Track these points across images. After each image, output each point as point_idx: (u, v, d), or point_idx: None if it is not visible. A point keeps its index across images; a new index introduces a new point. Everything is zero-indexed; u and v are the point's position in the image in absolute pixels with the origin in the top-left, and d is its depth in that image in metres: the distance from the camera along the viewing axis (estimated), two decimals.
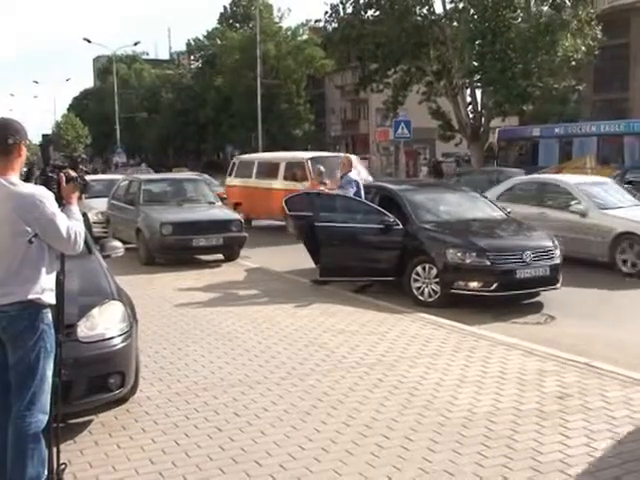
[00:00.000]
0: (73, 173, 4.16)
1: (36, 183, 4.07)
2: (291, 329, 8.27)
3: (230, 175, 21.91)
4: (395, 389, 6.07)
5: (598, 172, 21.76)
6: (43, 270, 3.90)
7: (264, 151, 45.88)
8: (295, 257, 13.05)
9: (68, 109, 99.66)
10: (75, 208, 4.13)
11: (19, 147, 3.90)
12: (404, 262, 10.27)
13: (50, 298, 3.96)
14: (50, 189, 3.99)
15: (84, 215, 16.18)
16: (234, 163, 22.44)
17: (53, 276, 4.02)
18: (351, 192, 11.92)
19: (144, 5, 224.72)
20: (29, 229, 3.80)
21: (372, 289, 10.83)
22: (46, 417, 3.92)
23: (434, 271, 9.80)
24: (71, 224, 3.96)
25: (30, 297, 3.84)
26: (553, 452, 4.71)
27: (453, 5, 33.78)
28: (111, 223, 15.99)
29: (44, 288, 3.91)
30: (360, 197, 11.84)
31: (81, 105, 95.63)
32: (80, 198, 4.30)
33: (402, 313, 9.09)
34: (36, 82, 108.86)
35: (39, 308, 3.89)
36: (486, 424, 5.22)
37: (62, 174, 4.12)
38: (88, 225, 14.94)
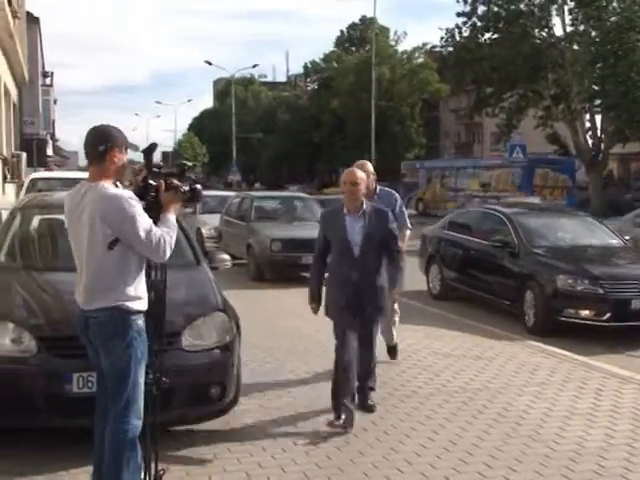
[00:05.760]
0: (176, 182, 4.00)
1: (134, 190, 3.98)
2: None
3: None
4: (500, 417, 5.86)
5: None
6: (128, 276, 3.83)
7: (378, 174, 45.56)
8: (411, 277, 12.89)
9: (188, 128, 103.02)
10: (171, 217, 3.97)
11: (111, 153, 3.82)
12: (515, 287, 10.03)
13: (139, 305, 3.88)
14: (146, 196, 3.91)
15: (197, 230, 16.52)
16: None
17: (142, 282, 3.94)
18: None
19: (265, 29, 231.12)
20: (112, 233, 3.74)
21: (480, 313, 10.56)
22: (141, 422, 3.91)
23: (544, 297, 9.48)
24: (156, 230, 3.82)
25: (116, 303, 3.80)
26: None
27: (573, 28, 33.04)
28: (223, 238, 16.31)
29: (130, 294, 3.83)
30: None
31: (200, 125, 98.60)
32: (194, 210, 4.25)
33: (510, 339, 8.82)
34: (159, 102, 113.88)
35: (125, 314, 3.82)
36: (597, 460, 4.95)
37: (162, 181, 3.97)
38: (201, 239, 15.36)
